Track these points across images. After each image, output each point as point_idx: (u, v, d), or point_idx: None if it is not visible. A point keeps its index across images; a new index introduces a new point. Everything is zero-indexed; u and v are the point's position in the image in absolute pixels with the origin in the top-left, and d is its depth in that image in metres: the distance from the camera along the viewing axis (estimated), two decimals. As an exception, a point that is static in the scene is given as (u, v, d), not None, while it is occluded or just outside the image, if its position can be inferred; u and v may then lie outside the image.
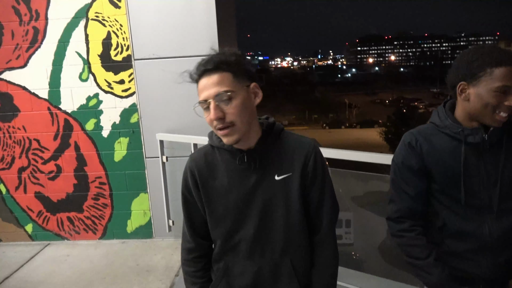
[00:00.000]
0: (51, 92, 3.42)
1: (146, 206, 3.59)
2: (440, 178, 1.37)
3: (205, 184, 1.26)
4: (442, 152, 1.36)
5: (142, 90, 3.36)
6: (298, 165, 1.24)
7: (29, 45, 3.34)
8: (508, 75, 1.22)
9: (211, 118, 1.14)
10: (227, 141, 1.17)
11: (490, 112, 1.26)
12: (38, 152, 3.53)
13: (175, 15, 3.21)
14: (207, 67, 1.16)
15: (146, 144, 3.45)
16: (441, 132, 1.37)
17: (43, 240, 3.72)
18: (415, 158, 1.39)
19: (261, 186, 1.22)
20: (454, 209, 1.37)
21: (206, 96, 1.15)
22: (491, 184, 1.33)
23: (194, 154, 1.33)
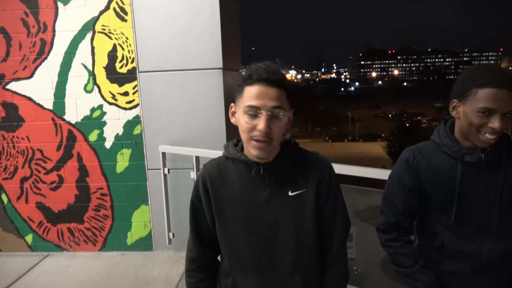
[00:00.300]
0: (56, 103, 3.45)
1: (147, 218, 3.58)
2: (437, 196, 1.37)
3: (216, 193, 1.25)
4: (439, 170, 1.35)
5: (146, 102, 3.38)
6: (312, 182, 1.23)
7: (36, 57, 3.38)
8: (491, 97, 1.20)
9: (260, 129, 1.11)
10: (259, 154, 1.16)
11: (475, 132, 1.26)
12: (41, 162, 3.54)
13: (180, 29, 3.25)
14: (271, 77, 1.13)
15: (148, 156, 3.46)
16: (439, 150, 1.37)
17: (43, 251, 3.70)
18: (411, 175, 1.39)
19: (274, 200, 1.21)
20: (452, 228, 1.35)
21: (261, 105, 1.12)
22: (489, 204, 1.31)
23: (207, 163, 1.32)
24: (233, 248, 1.25)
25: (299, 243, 1.22)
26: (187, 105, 3.33)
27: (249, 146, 1.17)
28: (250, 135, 1.14)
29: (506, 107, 1.20)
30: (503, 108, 1.20)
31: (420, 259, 1.39)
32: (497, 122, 1.20)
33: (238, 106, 1.19)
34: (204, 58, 3.26)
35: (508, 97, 1.19)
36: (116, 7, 3.27)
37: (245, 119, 1.14)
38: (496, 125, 1.20)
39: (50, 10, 3.31)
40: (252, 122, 1.13)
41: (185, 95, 3.32)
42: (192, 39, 3.26)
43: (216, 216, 1.26)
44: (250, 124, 1.13)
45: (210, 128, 3.31)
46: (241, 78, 1.18)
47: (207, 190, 1.25)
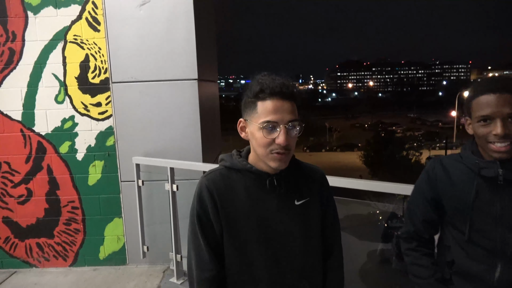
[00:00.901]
0: (25, 114, 3.34)
1: (120, 232, 3.49)
2: (450, 209, 1.33)
3: (225, 205, 1.22)
4: (456, 183, 1.30)
5: (119, 113, 3.32)
6: (315, 191, 1.30)
7: (4, 66, 3.28)
8: (484, 104, 1.18)
9: (280, 142, 1.14)
10: (279, 165, 1.18)
11: (486, 144, 1.21)
12: (8, 175, 3.41)
13: (154, 40, 3.23)
14: (284, 90, 1.16)
15: (122, 168, 3.39)
16: (462, 163, 1.32)
17: (9, 267, 3.54)
18: (429, 185, 1.37)
19: (282, 210, 1.24)
20: (463, 245, 1.30)
21: (279, 119, 1.14)
22: (505, 226, 1.22)
23: (209, 175, 1.28)
24: (244, 260, 1.23)
25: (307, 249, 1.27)
26: (162, 115, 3.30)
27: (268, 159, 1.19)
28: (269, 149, 1.17)
29: (503, 110, 1.16)
30: (499, 113, 1.16)
31: (437, 273, 1.36)
32: (499, 128, 1.15)
33: (250, 122, 1.19)
34: (179, 69, 3.25)
35: (503, 100, 1.16)
36: (88, 17, 3.23)
37: (263, 134, 1.16)
38: (499, 131, 1.15)
39: (19, 19, 3.23)
40: (271, 136, 1.15)
41: (160, 106, 3.29)
42: (167, 49, 3.24)
43: (225, 229, 1.23)
44: (268, 138, 1.15)
45: (186, 139, 3.29)
46: (251, 93, 1.18)
47: (215, 202, 1.22)
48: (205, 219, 1.24)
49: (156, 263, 3.47)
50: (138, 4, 3.20)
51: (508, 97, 1.16)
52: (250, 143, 1.26)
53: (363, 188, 2.37)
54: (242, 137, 1.25)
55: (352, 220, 4.83)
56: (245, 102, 1.21)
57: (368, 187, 2.34)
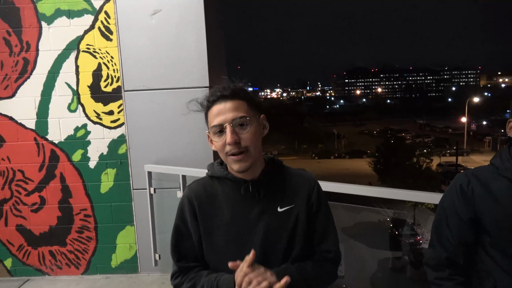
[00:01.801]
0: (39, 123, 3.38)
1: (132, 239, 3.49)
2: (494, 230, 1.20)
3: (205, 215, 1.24)
4: (499, 199, 1.18)
5: (131, 121, 3.34)
6: (301, 198, 1.26)
7: (18, 76, 3.33)
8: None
9: (228, 142, 1.15)
10: (239, 167, 1.18)
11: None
12: (22, 183, 3.44)
13: (165, 48, 3.26)
14: (224, 93, 1.19)
15: (134, 176, 3.40)
16: (501, 176, 1.20)
17: (22, 275, 3.55)
18: (465, 203, 1.24)
19: (264, 217, 1.22)
20: (508, 269, 1.18)
21: (222, 120, 1.17)
22: None
23: (192, 184, 1.31)
24: (222, 269, 1.22)
25: (291, 257, 1.23)
26: (173, 123, 3.31)
27: (229, 163, 1.20)
28: (225, 152, 1.18)
29: None
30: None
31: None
32: None
33: (210, 132, 1.23)
34: (190, 77, 3.27)
35: None
36: (101, 27, 3.27)
37: (215, 139, 1.20)
38: None
39: (33, 29, 3.28)
40: (221, 139, 1.17)
41: (171, 114, 3.30)
42: (178, 58, 3.26)
43: (204, 238, 1.24)
44: (220, 142, 1.18)
45: (197, 147, 3.29)
46: (202, 107, 1.24)
47: (194, 211, 1.24)
48: (182, 228, 1.27)
49: (168, 271, 3.45)
50: (150, 13, 3.23)
51: None
52: None
53: (372, 195, 2.34)
54: (213, 149, 1.26)
55: (363, 227, 4.78)
56: (204, 116, 1.26)
57: (378, 194, 2.32)
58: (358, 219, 4.95)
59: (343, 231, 4.88)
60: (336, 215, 4.64)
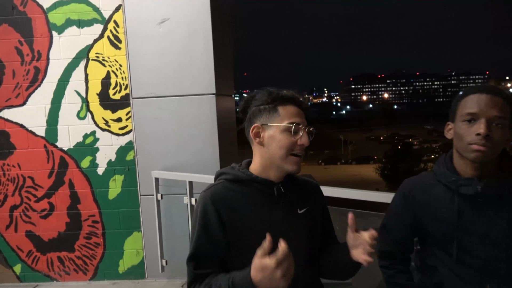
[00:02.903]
0: (48, 130, 3.44)
1: (139, 245, 3.51)
2: (435, 232, 1.28)
3: (231, 220, 1.22)
4: (437, 204, 1.26)
5: (139, 128, 3.39)
6: (313, 199, 1.35)
7: (29, 84, 3.40)
8: (473, 102, 1.16)
9: (305, 143, 1.22)
10: (296, 169, 1.24)
11: (466, 145, 1.18)
12: (32, 190, 3.49)
13: (173, 56, 3.30)
14: (300, 99, 1.28)
15: (141, 182, 3.43)
16: (438, 182, 1.27)
17: (31, 281, 3.59)
18: (407, 209, 1.33)
19: (287, 219, 1.26)
20: (451, 267, 1.25)
21: (302, 122, 1.24)
22: (492, 243, 1.19)
23: (211, 188, 1.28)
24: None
25: (309, 257, 1.30)
26: (180, 130, 3.35)
27: (286, 162, 1.22)
28: (290, 151, 1.22)
29: (490, 111, 1.14)
30: (486, 113, 1.14)
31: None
32: (482, 128, 1.12)
33: (269, 126, 1.23)
34: (198, 84, 3.31)
35: (491, 102, 1.14)
36: (110, 35, 3.33)
37: (286, 136, 1.21)
38: (481, 130, 1.12)
39: (44, 39, 3.35)
40: (296, 137, 1.22)
41: (179, 121, 3.34)
42: (185, 65, 3.31)
43: (233, 243, 1.23)
44: (293, 139, 1.21)
45: (204, 153, 3.32)
46: (270, 99, 1.25)
47: (219, 216, 1.21)
48: (206, 236, 1.22)
49: (175, 277, 3.47)
50: (158, 22, 3.29)
51: (498, 100, 1.15)
52: (259, 151, 1.26)
53: (380, 200, 2.34)
54: (256, 142, 1.26)
55: (371, 234, 4.75)
56: (259, 110, 1.25)
57: (386, 199, 2.31)
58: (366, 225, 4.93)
59: (351, 238, 4.87)
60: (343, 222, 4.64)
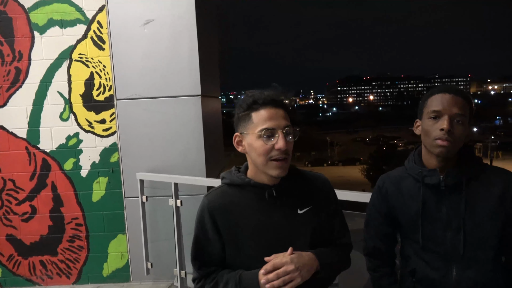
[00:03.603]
0: (30, 132, 3.38)
1: (124, 248, 3.48)
2: (404, 222, 1.40)
3: (227, 225, 1.25)
4: (406, 195, 1.38)
5: (124, 129, 3.36)
6: (319, 198, 1.33)
7: (10, 85, 3.34)
8: (437, 101, 1.28)
9: (280, 147, 1.18)
10: (280, 172, 1.21)
11: (431, 141, 1.29)
12: (13, 192, 3.42)
13: (158, 58, 3.29)
14: (276, 98, 1.23)
15: (126, 184, 3.40)
16: (408, 175, 1.39)
17: (12, 286, 3.51)
18: (381, 201, 1.45)
19: (286, 220, 1.27)
20: (421, 254, 1.36)
21: (275, 125, 1.20)
22: (453, 230, 1.30)
23: (210, 194, 1.31)
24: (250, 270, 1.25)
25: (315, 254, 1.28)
26: (166, 132, 3.33)
27: (268, 167, 1.22)
28: (268, 157, 1.20)
29: (452, 109, 1.26)
30: (449, 110, 1.26)
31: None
32: (445, 124, 1.24)
33: (247, 134, 1.23)
34: (183, 85, 3.30)
35: (453, 100, 1.27)
36: (93, 36, 3.29)
37: (261, 143, 1.20)
38: (444, 126, 1.24)
39: (26, 39, 3.29)
40: (270, 143, 1.19)
41: (164, 122, 3.32)
42: (170, 66, 3.29)
43: (229, 247, 1.27)
44: (268, 145, 1.19)
45: (189, 155, 3.30)
46: (244, 106, 1.24)
47: (215, 222, 1.25)
48: (203, 240, 1.29)
49: (160, 280, 3.45)
50: (142, 23, 3.27)
51: (459, 99, 1.28)
52: (248, 156, 1.28)
53: (366, 201, 2.36)
54: (240, 151, 1.28)
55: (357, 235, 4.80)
56: (238, 117, 1.26)
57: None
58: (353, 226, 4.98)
59: (337, 238, 4.91)
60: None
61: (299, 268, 1.18)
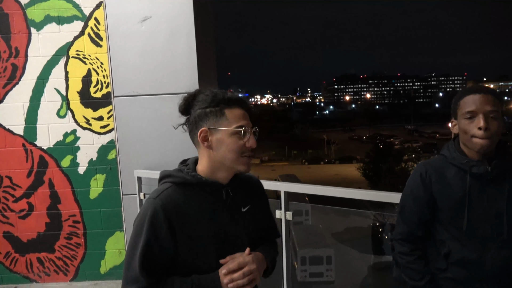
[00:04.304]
0: (27, 129, 3.37)
1: (122, 245, 3.48)
2: (446, 208, 1.47)
3: (182, 226, 1.20)
4: (449, 182, 1.47)
5: (121, 126, 3.35)
6: (256, 196, 1.41)
7: (7, 82, 3.32)
8: (469, 102, 1.39)
9: (252, 145, 1.24)
10: (247, 169, 1.27)
11: (470, 139, 1.40)
12: (10, 189, 3.41)
13: (155, 55, 3.28)
14: (244, 100, 1.28)
15: (123, 181, 3.40)
16: (450, 164, 1.48)
17: (9, 283, 3.51)
18: (424, 188, 1.51)
19: (234, 219, 1.30)
20: (459, 238, 1.46)
21: (248, 124, 1.25)
22: (493, 215, 1.41)
23: (161, 195, 1.23)
24: (205, 271, 1.24)
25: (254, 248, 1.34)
26: (163, 129, 3.33)
27: (238, 163, 1.25)
28: (241, 153, 1.23)
29: (485, 107, 1.36)
30: (482, 108, 1.37)
31: (426, 276, 1.50)
32: (481, 122, 1.35)
33: (217, 130, 1.23)
34: (181, 83, 3.29)
35: (485, 99, 1.37)
36: (91, 33, 3.29)
37: (235, 139, 1.23)
38: (481, 124, 1.35)
39: (22, 35, 3.28)
40: (243, 141, 1.23)
41: (161, 119, 3.32)
42: (168, 64, 3.29)
43: (184, 248, 1.21)
44: (240, 142, 1.23)
45: (187, 152, 3.29)
46: (215, 102, 1.24)
47: (171, 225, 1.19)
48: (155, 244, 1.19)
49: (157, 277, 3.45)
50: (140, 19, 3.26)
51: (490, 97, 1.38)
52: (207, 152, 1.26)
53: (362, 197, 2.39)
54: (204, 147, 1.26)
55: (353, 232, 4.81)
56: (205, 113, 1.24)
57: (368, 197, 2.36)
58: (349, 224, 4.99)
59: (334, 236, 4.92)
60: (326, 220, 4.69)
61: (258, 267, 1.27)
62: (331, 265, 3.98)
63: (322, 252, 4.07)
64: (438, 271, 1.51)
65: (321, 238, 4.72)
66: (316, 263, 3.83)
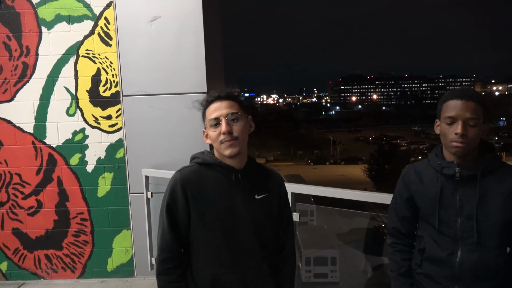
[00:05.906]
0: (37, 126, 3.40)
1: (129, 243, 3.50)
2: (422, 206, 1.56)
3: (196, 198, 1.41)
4: (426, 183, 1.55)
5: (129, 125, 3.38)
6: (273, 189, 1.54)
7: (18, 80, 3.36)
8: (451, 107, 1.43)
9: (223, 131, 1.39)
10: (231, 151, 1.40)
11: (448, 142, 1.45)
12: (19, 187, 3.45)
13: (164, 54, 3.30)
14: (221, 94, 1.44)
15: (131, 180, 3.42)
16: (430, 166, 1.55)
17: (18, 279, 3.55)
18: (404, 188, 1.63)
19: (245, 202, 1.45)
20: (432, 235, 1.54)
21: (218, 114, 1.42)
22: (464, 217, 1.46)
23: (182, 170, 1.47)
24: (212, 246, 1.43)
25: (266, 237, 1.50)
26: (171, 128, 3.35)
27: (221, 149, 1.42)
28: (219, 141, 1.41)
29: (465, 114, 1.40)
30: (461, 115, 1.41)
31: (402, 268, 1.62)
32: (459, 128, 1.40)
33: (206, 128, 1.46)
34: (189, 82, 3.31)
35: (466, 106, 1.41)
36: (100, 32, 3.31)
37: (211, 131, 1.43)
38: (458, 130, 1.40)
39: (33, 34, 3.32)
40: (218, 130, 1.41)
41: (169, 119, 3.34)
42: (176, 64, 3.31)
43: (195, 219, 1.42)
44: (216, 132, 1.42)
45: (194, 151, 3.31)
46: (201, 106, 1.48)
47: (185, 194, 1.41)
48: (174, 209, 1.43)
49: (163, 275, 3.47)
50: (149, 19, 3.28)
51: (471, 104, 1.41)
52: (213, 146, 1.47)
53: (367, 200, 2.38)
54: (207, 143, 1.49)
55: (358, 233, 4.79)
56: (202, 116, 1.49)
57: (373, 199, 2.36)
58: (353, 225, 4.97)
59: (338, 237, 4.90)
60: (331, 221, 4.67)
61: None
62: (336, 266, 3.97)
63: (327, 253, 4.06)
64: (415, 267, 1.60)
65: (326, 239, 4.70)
66: (320, 264, 3.81)
